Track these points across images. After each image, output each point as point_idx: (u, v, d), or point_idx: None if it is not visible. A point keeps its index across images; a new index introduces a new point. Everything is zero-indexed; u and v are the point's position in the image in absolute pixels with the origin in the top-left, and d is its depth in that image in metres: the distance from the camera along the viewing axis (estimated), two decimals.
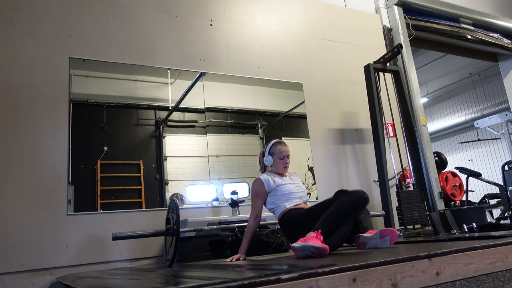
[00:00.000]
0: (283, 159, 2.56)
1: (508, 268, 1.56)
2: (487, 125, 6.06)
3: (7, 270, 2.70)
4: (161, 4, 3.84)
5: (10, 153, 2.92)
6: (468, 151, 10.93)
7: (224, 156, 3.87)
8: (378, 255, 1.64)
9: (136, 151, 3.55)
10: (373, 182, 4.32)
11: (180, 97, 3.80)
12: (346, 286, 1.21)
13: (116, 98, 3.58)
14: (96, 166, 3.28)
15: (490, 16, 6.17)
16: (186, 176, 3.67)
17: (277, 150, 2.57)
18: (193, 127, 3.85)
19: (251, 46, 4.20)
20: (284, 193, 2.49)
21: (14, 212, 2.81)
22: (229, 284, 1.07)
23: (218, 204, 3.60)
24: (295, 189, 2.53)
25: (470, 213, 4.34)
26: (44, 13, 3.31)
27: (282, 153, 2.56)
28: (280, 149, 2.57)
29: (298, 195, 2.52)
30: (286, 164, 2.57)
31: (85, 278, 2.29)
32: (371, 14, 5.26)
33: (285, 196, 2.49)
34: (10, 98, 3.01)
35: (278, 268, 1.52)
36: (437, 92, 10.52)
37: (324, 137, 4.27)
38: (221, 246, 2.97)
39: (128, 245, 3.08)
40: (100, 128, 3.41)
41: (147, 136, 3.65)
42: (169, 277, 1.83)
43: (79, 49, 3.36)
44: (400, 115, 4.30)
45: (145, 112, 3.67)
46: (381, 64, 4.31)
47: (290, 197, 2.49)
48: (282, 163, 2.56)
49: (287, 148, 2.61)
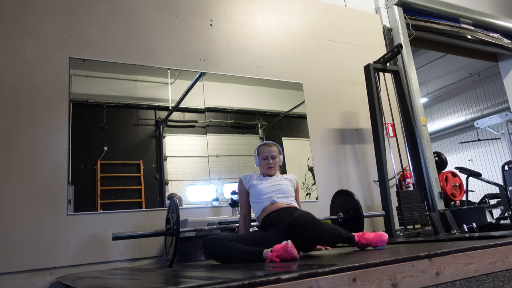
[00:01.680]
0: (266, 159, 2.65)
1: (508, 268, 1.56)
2: (487, 125, 6.06)
3: (7, 270, 2.70)
4: (161, 4, 3.84)
5: (10, 153, 2.92)
6: (468, 151, 10.93)
7: (224, 156, 3.87)
8: (378, 255, 1.64)
9: (136, 151, 3.55)
10: (373, 182, 4.32)
11: (180, 97, 3.80)
12: (346, 286, 1.21)
13: (116, 98, 3.57)
14: (96, 166, 3.28)
15: (490, 16, 6.17)
16: (186, 176, 3.67)
17: (261, 151, 2.68)
18: (193, 127, 3.85)
19: (251, 46, 4.20)
20: (253, 195, 2.57)
21: (14, 212, 2.81)
22: (229, 284, 1.07)
23: (218, 204, 3.60)
24: (265, 189, 2.54)
25: (470, 213, 4.34)
26: (44, 13, 3.31)
27: (264, 154, 2.66)
28: (263, 149, 2.68)
29: (266, 196, 2.51)
30: (270, 165, 2.64)
31: (85, 278, 2.29)
32: (371, 14, 5.26)
33: (253, 197, 2.57)
34: (10, 98, 3.01)
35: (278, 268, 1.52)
36: (437, 92, 10.52)
37: (324, 137, 4.27)
38: None
39: (128, 245, 3.08)
40: (100, 128, 3.41)
41: (147, 136, 3.65)
42: (169, 277, 1.83)
43: (79, 49, 3.36)
44: (400, 115, 4.30)
45: (145, 112, 3.67)
46: (381, 64, 4.31)
47: (258, 198, 2.54)
48: (265, 164, 2.65)
49: (271, 149, 2.66)
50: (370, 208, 4.18)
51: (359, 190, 4.23)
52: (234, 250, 2.15)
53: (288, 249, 1.92)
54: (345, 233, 2.25)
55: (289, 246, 1.93)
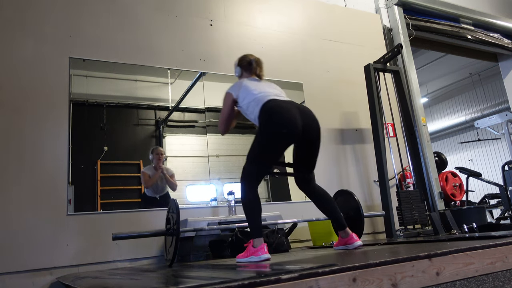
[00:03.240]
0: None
1: (508, 268, 1.56)
2: (487, 125, 6.06)
3: (7, 270, 2.70)
4: (161, 4, 3.84)
5: (10, 153, 2.92)
6: (468, 151, 10.93)
7: (224, 156, 3.87)
8: (378, 255, 1.65)
9: (136, 151, 3.55)
10: (373, 182, 4.32)
11: (180, 97, 3.80)
12: (346, 286, 1.21)
13: (116, 98, 3.58)
14: (96, 166, 3.28)
15: (490, 16, 6.17)
16: (186, 176, 3.67)
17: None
18: (193, 127, 3.85)
19: (251, 46, 4.19)
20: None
21: (14, 212, 2.81)
22: (229, 284, 1.07)
23: (217, 204, 3.60)
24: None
25: (470, 213, 4.34)
26: (44, 13, 3.31)
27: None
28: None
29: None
30: None
31: (85, 278, 2.29)
32: (371, 14, 5.26)
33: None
34: (10, 98, 3.01)
35: (278, 268, 1.52)
36: (437, 92, 10.52)
37: (324, 137, 4.24)
38: (221, 246, 2.97)
39: (128, 245, 3.08)
40: (100, 128, 3.41)
41: (147, 136, 3.66)
42: (169, 277, 1.83)
43: (79, 49, 3.36)
44: (400, 115, 4.30)
45: (145, 112, 3.67)
46: (381, 64, 4.31)
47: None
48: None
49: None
50: (370, 208, 4.18)
51: (359, 190, 4.23)
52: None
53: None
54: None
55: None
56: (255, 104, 2.27)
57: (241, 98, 2.37)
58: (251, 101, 2.29)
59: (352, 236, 2.35)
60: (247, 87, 2.37)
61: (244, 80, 2.45)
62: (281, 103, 2.24)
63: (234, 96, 2.41)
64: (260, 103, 2.24)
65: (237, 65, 2.61)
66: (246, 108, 2.33)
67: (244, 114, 2.42)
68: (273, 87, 2.44)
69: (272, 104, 2.23)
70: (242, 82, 2.43)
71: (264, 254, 2.10)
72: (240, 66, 2.59)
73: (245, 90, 2.36)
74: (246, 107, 2.33)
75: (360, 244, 2.33)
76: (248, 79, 2.48)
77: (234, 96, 2.41)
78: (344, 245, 2.37)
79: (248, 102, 2.31)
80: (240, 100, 2.38)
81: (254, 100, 2.28)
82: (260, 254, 2.09)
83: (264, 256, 2.09)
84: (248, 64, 2.56)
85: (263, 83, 2.47)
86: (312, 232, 3.49)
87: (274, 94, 2.32)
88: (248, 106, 2.31)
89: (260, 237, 2.16)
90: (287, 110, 2.19)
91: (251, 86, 2.38)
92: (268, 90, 2.36)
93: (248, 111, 2.33)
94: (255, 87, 2.36)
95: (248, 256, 2.14)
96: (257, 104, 2.25)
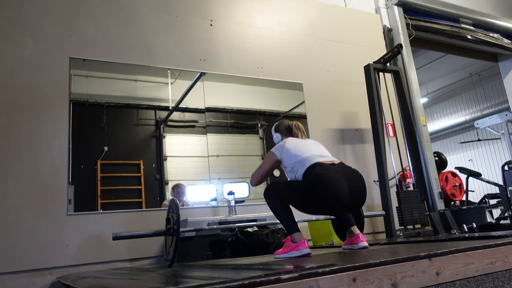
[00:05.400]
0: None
1: (508, 268, 1.56)
2: (487, 125, 6.06)
3: (7, 270, 2.70)
4: (161, 4, 3.85)
5: (10, 153, 2.92)
6: (468, 151, 10.93)
7: (224, 156, 3.87)
8: (378, 255, 1.65)
9: (136, 151, 3.55)
10: (373, 182, 4.32)
11: (180, 97, 3.80)
12: (346, 286, 1.21)
13: (116, 98, 3.58)
14: (96, 166, 3.28)
15: (490, 16, 6.17)
16: (186, 176, 3.67)
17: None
18: (193, 127, 3.85)
19: (251, 46, 4.20)
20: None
21: (14, 212, 2.82)
22: (229, 284, 1.07)
23: (218, 204, 3.60)
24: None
25: (470, 213, 4.34)
26: (44, 13, 3.31)
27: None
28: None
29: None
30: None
31: (85, 278, 2.29)
32: (371, 14, 5.26)
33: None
34: (10, 98, 3.01)
35: (278, 268, 1.52)
36: (437, 92, 10.51)
37: (324, 137, 4.27)
38: (221, 246, 2.97)
39: (128, 245, 3.08)
40: (100, 128, 3.41)
41: (147, 136, 3.66)
42: (169, 277, 1.83)
43: (79, 49, 3.36)
44: (400, 115, 4.30)
45: (145, 112, 3.67)
46: (381, 64, 4.31)
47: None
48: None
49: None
50: (370, 208, 4.18)
51: None
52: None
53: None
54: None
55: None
56: (300, 166, 2.27)
57: (286, 160, 2.37)
58: (296, 162, 2.30)
59: (358, 236, 2.34)
60: (290, 150, 2.35)
61: (287, 141, 2.43)
62: (328, 172, 2.21)
63: (278, 157, 2.40)
64: (305, 166, 2.25)
65: (275, 132, 2.60)
66: (291, 169, 2.34)
67: (285, 170, 2.43)
68: (316, 145, 2.46)
69: (319, 171, 2.20)
70: (285, 143, 2.41)
71: (305, 248, 2.11)
72: (278, 132, 2.58)
73: (288, 153, 2.35)
74: (290, 168, 2.34)
75: (365, 245, 2.31)
76: (291, 138, 2.47)
77: (278, 158, 2.40)
78: (350, 244, 2.37)
79: (293, 163, 2.31)
80: (285, 161, 2.38)
81: (299, 162, 2.29)
82: (302, 248, 2.10)
83: (305, 250, 2.10)
84: (287, 130, 2.56)
85: (306, 142, 2.47)
86: (312, 232, 3.50)
87: (319, 154, 2.33)
88: (292, 167, 2.32)
89: (298, 231, 2.16)
90: (334, 181, 2.15)
91: (294, 147, 2.37)
92: (312, 149, 2.37)
93: (293, 170, 2.33)
94: (299, 148, 2.36)
95: (288, 252, 2.14)
96: (302, 166, 2.26)
